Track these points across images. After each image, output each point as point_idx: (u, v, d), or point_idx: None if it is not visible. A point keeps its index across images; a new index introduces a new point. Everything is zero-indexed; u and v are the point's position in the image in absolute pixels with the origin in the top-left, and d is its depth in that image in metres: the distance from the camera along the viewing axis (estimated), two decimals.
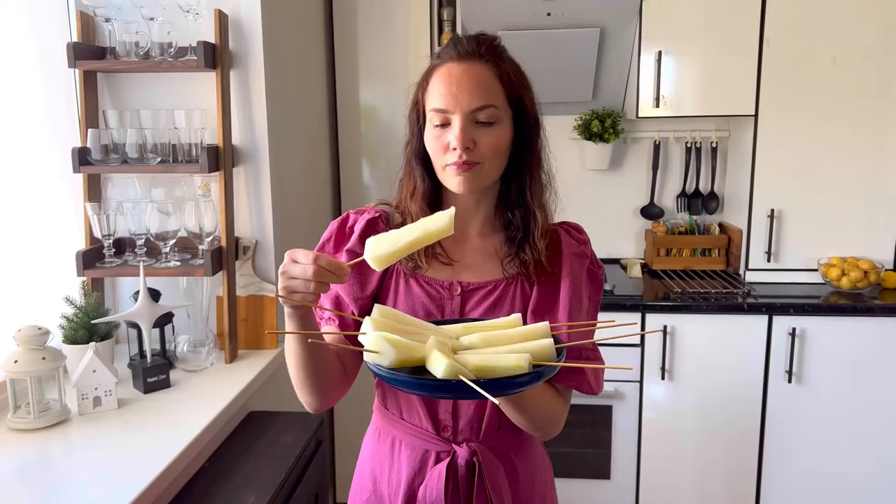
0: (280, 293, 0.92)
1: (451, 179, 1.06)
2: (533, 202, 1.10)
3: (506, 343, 0.87)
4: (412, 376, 0.81)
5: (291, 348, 1.04)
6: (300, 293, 0.90)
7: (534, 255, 1.09)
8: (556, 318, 1.08)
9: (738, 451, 2.56)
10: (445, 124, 1.05)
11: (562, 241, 1.14)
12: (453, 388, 0.78)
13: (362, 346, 0.86)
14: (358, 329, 0.92)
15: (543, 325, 0.91)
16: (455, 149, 1.03)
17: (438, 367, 0.79)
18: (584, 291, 1.13)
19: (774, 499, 2.57)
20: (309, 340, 1.00)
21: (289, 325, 0.99)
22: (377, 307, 0.93)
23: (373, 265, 0.91)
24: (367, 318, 0.89)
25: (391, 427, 1.17)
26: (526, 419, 1.06)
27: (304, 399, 1.11)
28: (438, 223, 0.90)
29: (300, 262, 0.89)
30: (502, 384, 0.81)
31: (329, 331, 1.12)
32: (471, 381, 0.77)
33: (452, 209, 0.91)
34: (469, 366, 0.81)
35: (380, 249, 0.90)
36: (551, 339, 0.87)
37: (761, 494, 2.57)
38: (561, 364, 0.85)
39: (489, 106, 1.04)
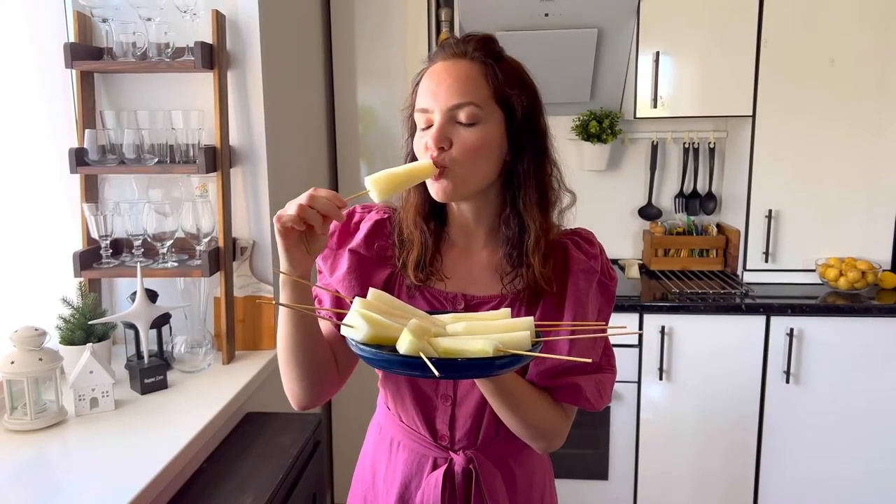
0: (276, 230, 0.92)
1: (431, 186, 1.02)
2: (525, 214, 1.04)
3: (488, 332, 0.87)
4: (376, 350, 0.83)
5: (283, 326, 1.01)
6: (290, 216, 0.90)
7: (528, 275, 1.04)
8: (558, 337, 1.04)
9: (736, 451, 2.56)
10: (429, 126, 1.00)
11: (570, 256, 1.08)
12: (413, 365, 0.80)
13: (349, 342, 0.87)
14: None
15: (527, 320, 0.90)
16: (428, 149, 0.98)
17: (403, 343, 0.81)
18: (590, 308, 1.07)
19: (772, 499, 2.57)
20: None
21: (283, 293, 0.98)
22: (372, 290, 0.91)
23: (372, 190, 0.94)
24: (357, 298, 0.88)
25: (391, 427, 1.17)
26: (519, 424, 1.03)
27: (292, 389, 1.07)
28: (422, 164, 0.98)
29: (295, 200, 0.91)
30: (460, 365, 0.82)
31: (324, 315, 1.09)
32: (430, 359, 0.78)
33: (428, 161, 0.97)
34: (439, 349, 0.83)
35: (377, 175, 0.95)
36: (527, 333, 0.86)
37: (759, 494, 2.58)
38: (532, 354, 0.84)
39: (469, 103, 0.98)
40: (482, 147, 0.99)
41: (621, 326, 0.91)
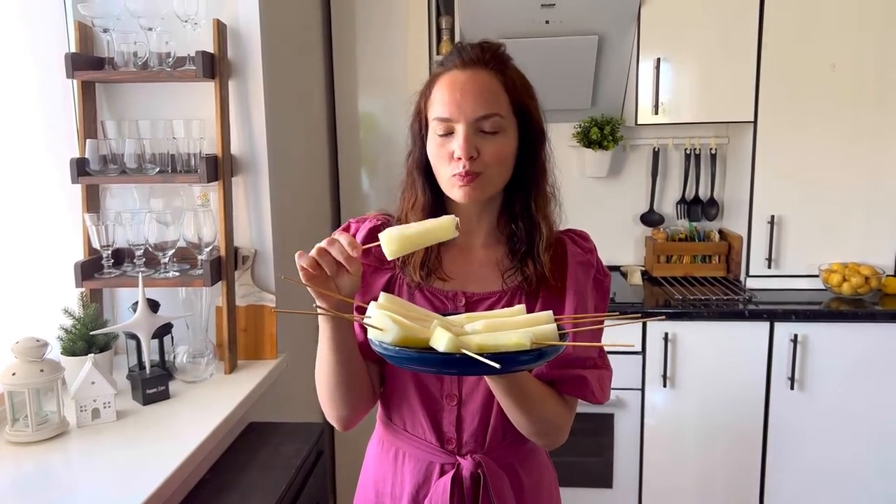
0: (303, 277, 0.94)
1: (455, 190, 1.04)
2: (538, 214, 1.09)
3: (509, 328, 0.87)
4: (416, 351, 0.81)
5: (327, 361, 1.04)
6: (308, 257, 0.92)
7: (536, 268, 1.08)
8: (586, 327, 1.07)
9: (741, 458, 2.55)
10: (449, 133, 1.03)
11: (567, 250, 1.13)
12: (457, 363, 0.79)
13: (373, 344, 0.86)
14: (366, 340, 0.92)
15: (546, 314, 0.91)
16: (459, 158, 1.01)
17: (441, 340, 0.80)
18: (589, 301, 1.12)
19: None
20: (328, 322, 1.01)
21: (321, 335, 1.02)
22: (383, 294, 0.92)
23: (385, 248, 0.93)
24: (372, 302, 0.89)
25: (395, 439, 1.16)
26: (528, 421, 1.04)
27: (338, 415, 1.11)
28: (442, 221, 0.95)
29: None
30: (504, 358, 0.81)
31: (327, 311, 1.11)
32: (479, 354, 0.77)
33: (452, 216, 0.94)
34: (471, 346, 0.81)
35: (393, 233, 0.94)
36: (554, 325, 0.87)
37: (764, 501, 2.56)
38: (564, 344, 0.85)
39: (494, 115, 1.02)
40: (505, 154, 1.05)
41: (635, 314, 0.92)
